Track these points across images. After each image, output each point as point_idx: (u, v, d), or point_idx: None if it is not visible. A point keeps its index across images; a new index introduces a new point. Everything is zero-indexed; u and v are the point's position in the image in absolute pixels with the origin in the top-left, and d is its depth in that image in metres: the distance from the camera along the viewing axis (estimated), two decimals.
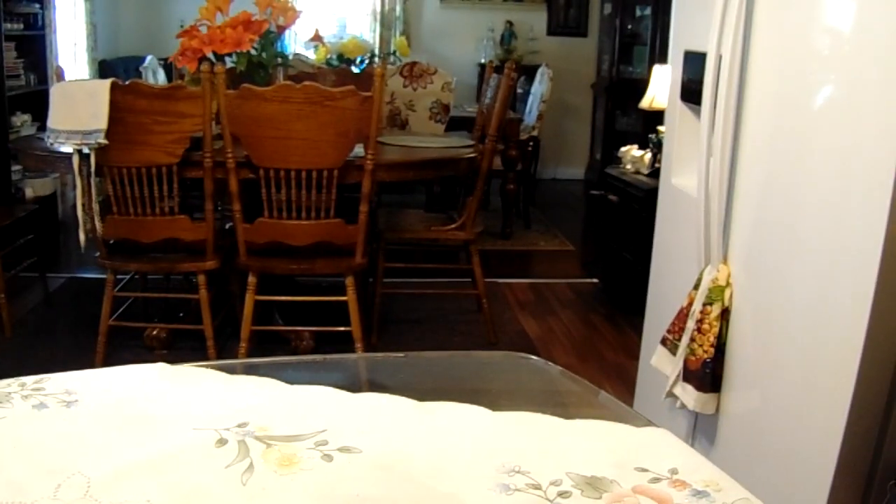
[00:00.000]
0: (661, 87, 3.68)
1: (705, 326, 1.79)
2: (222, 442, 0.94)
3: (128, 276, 3.33)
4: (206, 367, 1.15)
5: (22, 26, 4.58)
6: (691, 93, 2.02)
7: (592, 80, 6.86)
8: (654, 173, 3.41)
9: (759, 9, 1.65)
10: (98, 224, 2.75)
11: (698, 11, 1.95)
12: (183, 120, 2.63)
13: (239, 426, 0.97)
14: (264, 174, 2.67)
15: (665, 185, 2.26)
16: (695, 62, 1.97)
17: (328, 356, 1.36)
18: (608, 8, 6.33)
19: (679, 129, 2.17)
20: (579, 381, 1.22)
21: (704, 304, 1.80)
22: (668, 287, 2.18)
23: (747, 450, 1.73)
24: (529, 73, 5.71)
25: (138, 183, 2.71)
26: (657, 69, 3.95)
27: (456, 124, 4.69)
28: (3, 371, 1.41)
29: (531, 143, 5.40)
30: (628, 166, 3.72)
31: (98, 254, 2.87)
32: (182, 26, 3.07)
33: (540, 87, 5.35)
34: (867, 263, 1.33)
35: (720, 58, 1.70)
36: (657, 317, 2.25)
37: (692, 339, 1.82)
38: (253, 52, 3.02)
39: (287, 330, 3.15)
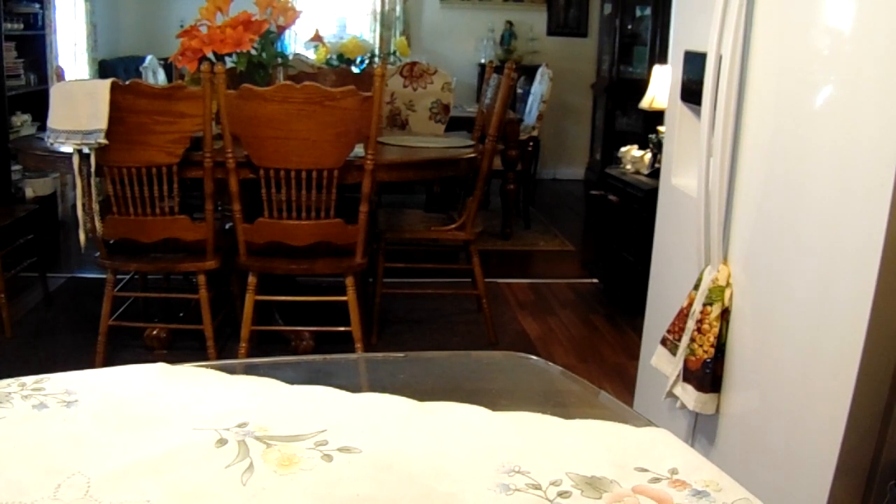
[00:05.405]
0: (661, 87, 3.68)
1: (705, 326, 1.79)
2: (222, 442, 0.94)
3: (128, 276, 3.33)
4: (206, 367, 1.15)
5: (22, 26, 4.59)
6: (691, 93, 2.02)
7: (592, 80, 6.86)
8: (654, 173, 3.41)
9: (759, 9, 1.65)
10: (98, 224, 2.75)
11: (698, 11, 1.95)
12: (183, 120, 2.63)
13: (239, 426, 0.97)
14: (264, 174, 2.67)
15: (665, 185, 2.26)
16: (695, 62, 1.97)
17: (328, 356, 1.36)
18: (608, 8, 6.33)
19: (679, 129, 2.17)
20: (579, 381, 1.22)
21: (704, 305, 1.80)
22: (668, 287, 2.18)
23: (747, 450, 1.73)
24: (529, 73, 5.72)
25: (138, 183, 2.71)
26: (657, 69, 3.95)
27: (456, 124, 4.69)
28: (3, 371, 1.41)
29: (531, 144, 5.40)
30: (628, 166, 3.72)
31: (98, 254, 2.87)
32: (182, 26, 3.08)
33: (540, 87, 5.35)
34: (867, 263, 1.33)
35: (720, 58, 1.70)
36: (657, 317, 2.25)
37: (692, 340, 1.82)
38: (253, 52, 3.02)
39: (287, 330, 3.15)
